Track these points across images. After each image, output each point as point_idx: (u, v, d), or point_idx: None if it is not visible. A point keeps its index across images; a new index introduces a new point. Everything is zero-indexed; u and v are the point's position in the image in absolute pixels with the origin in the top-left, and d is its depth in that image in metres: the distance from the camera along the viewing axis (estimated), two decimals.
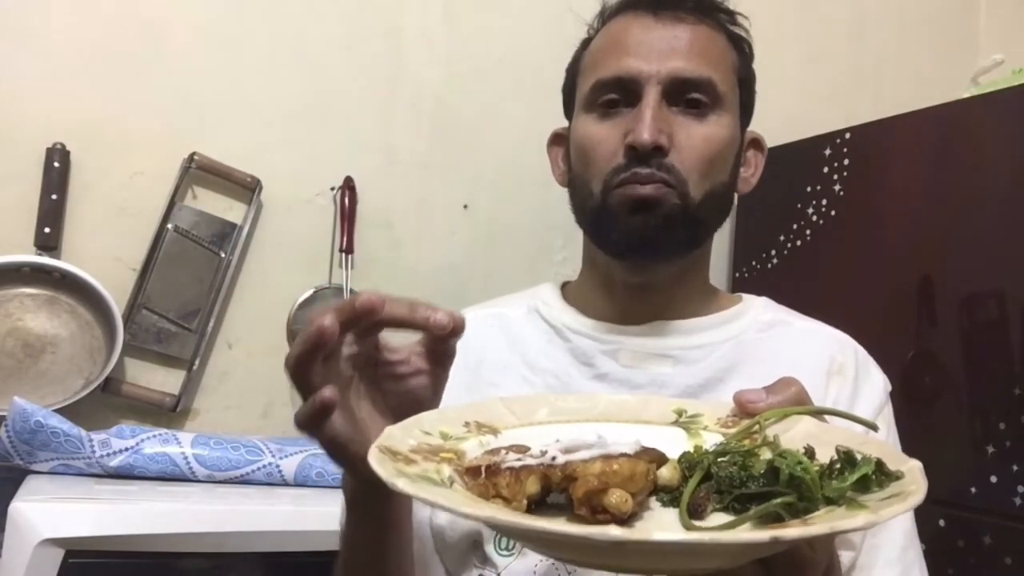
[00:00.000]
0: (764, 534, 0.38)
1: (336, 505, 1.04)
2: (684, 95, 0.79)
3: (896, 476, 0.45)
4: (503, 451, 0.50)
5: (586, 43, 0.87)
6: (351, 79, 1.50)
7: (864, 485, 0.45)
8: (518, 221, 1.59)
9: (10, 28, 1.32)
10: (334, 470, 1.27)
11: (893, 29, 1.87)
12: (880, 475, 0.46)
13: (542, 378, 0.84)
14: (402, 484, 0.44)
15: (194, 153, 1.38)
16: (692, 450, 0.53)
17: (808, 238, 1.50)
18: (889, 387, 0.84)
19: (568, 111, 0.89)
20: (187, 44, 1.41)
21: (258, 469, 1.25)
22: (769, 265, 1.58)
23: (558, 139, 0.91)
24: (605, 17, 0.86)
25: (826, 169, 1.47)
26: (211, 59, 1.42)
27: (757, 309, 0.88)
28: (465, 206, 1.57)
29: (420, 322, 0.58)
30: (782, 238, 1.54)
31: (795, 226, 1.52)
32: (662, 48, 0.79)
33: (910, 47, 1.88)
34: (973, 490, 1.18)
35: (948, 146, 1.29)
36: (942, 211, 1.28)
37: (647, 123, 0.76)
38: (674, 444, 0.54)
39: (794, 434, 0.52)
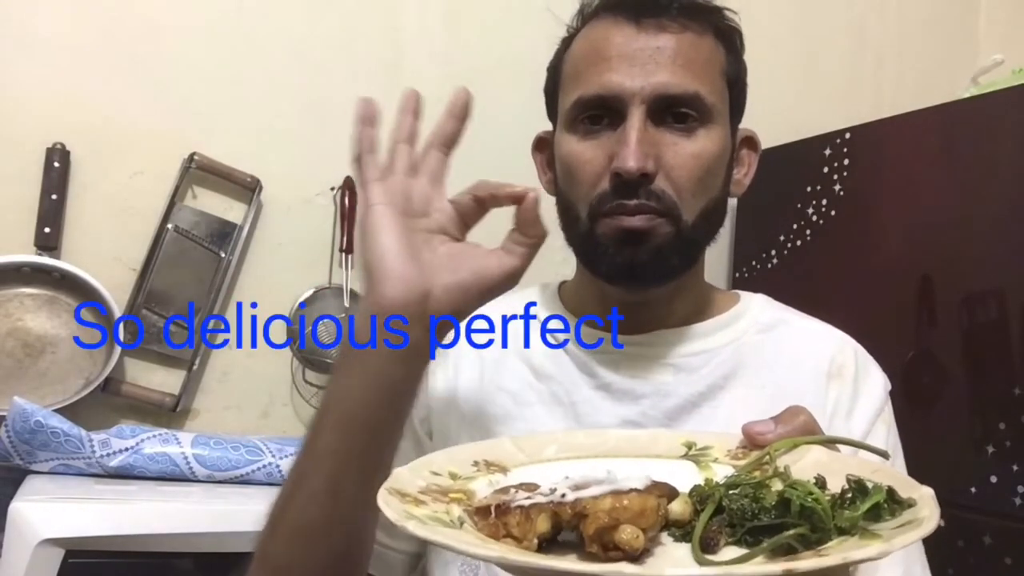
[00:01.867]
0: (776, 567, 0.38)
1: None
2: (671, 111, 0.76)
3: (908, 504, 0.45)
4: (512, 490, 0.50)
5: (567, 42, 0.84)
6: (351, 79, 1.50)
7: (876, 514, 0.45)
8: None
9: (10, 28, 1.32)
10: None
11: (893, 29, 1.87)
12: (892, 503, 0.46)
13: (547, 384, 0.83)
14: (412, 526, 0.43)
15: (194, 153, 1.38)
16: (703, 483, 0.53)
17: (808, 238, 1.50)
18: (889, 386, 0.84)
19: (551, 113, 0.86)
20: (187, 44, 1.41)
21: (258, 469, 1.25)
22: (769, 265, 1.58)
23: (542, 143, 0.88)
24: (585, 16, 0.83)
25: (826, 169, 1.47)
26: (211, 59, 1.42)
27: (756, 309, 0.86)
28: None
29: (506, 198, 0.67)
30: (782, 238, 1.54)
31: (795, 226, 1.52)
32: (645, 62, 0.75)
33: (910, 47, 1.88)
34: (973, 490, 1.18)
35: (948, 146, 1.29)
36: (942, 211, 1.28)
37: (632, 149, 0.73)
38: (685, 477, 0.54)
39: (804, 464, 0.52)
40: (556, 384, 0.82)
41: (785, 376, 0.81)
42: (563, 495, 0.47)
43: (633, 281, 0.78)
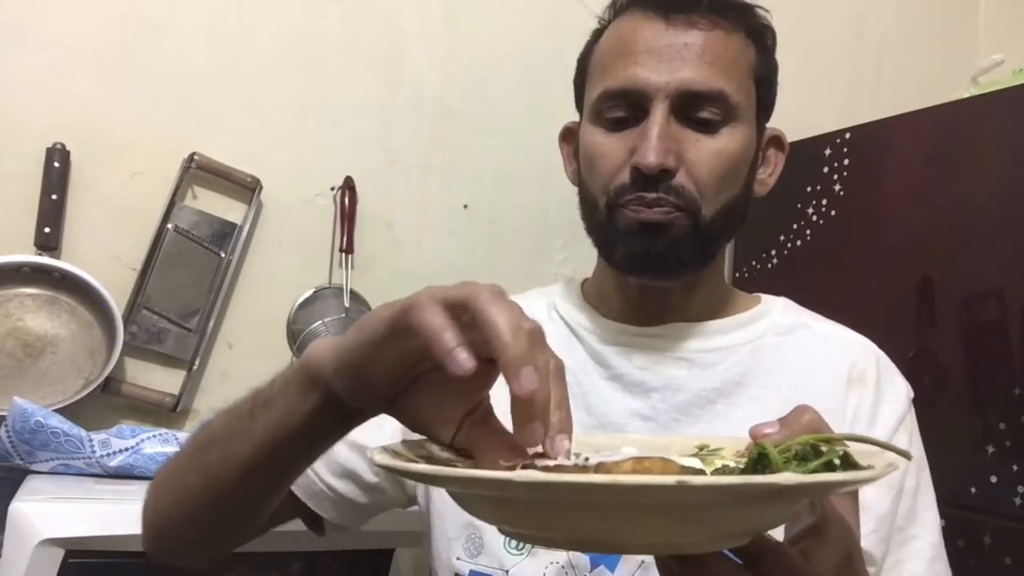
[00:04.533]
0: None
1: None
2: (695, 109, 0.76)
3: (864, 468, 0.45)
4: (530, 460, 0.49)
5: (598, 34, 0.84)
6: (351, 79, 1.50)
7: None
8: (518, 221, 1.59)
9: (10, 28, 1.32)
10: None
11: (893, 29, 1.87)
12: (847, 467, 0.45)
13: None
14: (379, 457, 0.45)
15: (194, 153, 1.38)
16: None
17: (808, 238, 1.50)
18: (912, 394, 0.83)
19: (579, 103, 0.87)
20: (187, 44, 1.41)
21: None
22: (769, 265, 1.58)
23: (569, 134, 0.89)
24: (617, 9, 0.83)
25: (826, 169, 1.47)
26: (211, 59, 1.42)
27: (776, 312, 0.86)
28: (465, 206, 1.56)
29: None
30: (782, 238, 1.54)
31: (795, 226, 1.52)
32: (672, 57, 0.75)
33: (910, 47, 1.88)
34: (973, 490, 1.18)
35: (948, 146, 1.29)
36: (942, 211, 1.28)
37: (653, 144, 0.73)
38: None
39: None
40: (568, 374, 0.82)
41: (803, 379, 0.81)
42: (587, 458, 0.46)
43: (647, 271, 0.79)
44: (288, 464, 0.63)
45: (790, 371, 0.81)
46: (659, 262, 0.77)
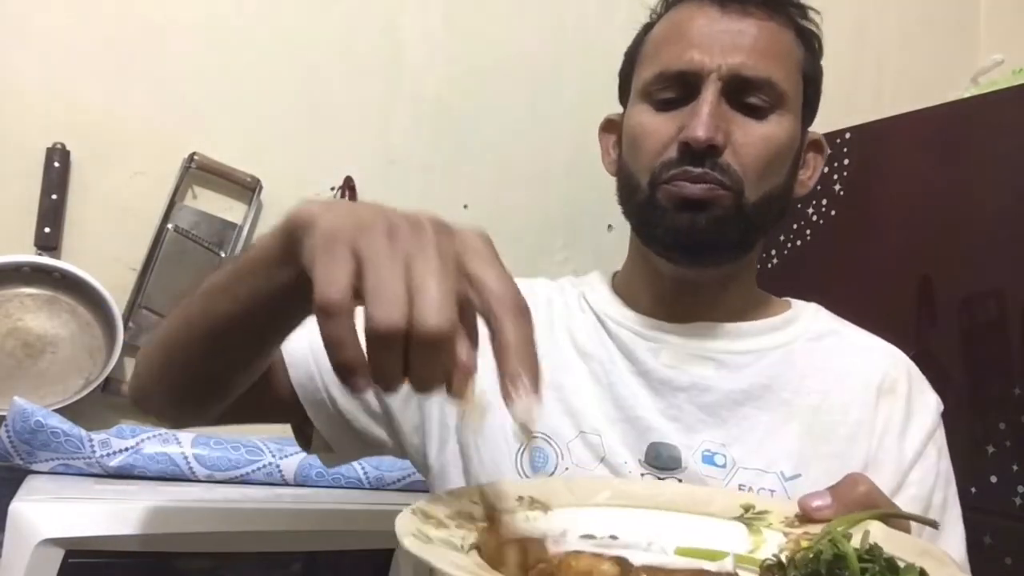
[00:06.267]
0: None
1: (335, 503, 1.04)
2: (744, 94, 0.77)
3: None
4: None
5: (648, 27, 0.85)
6: (350, 79, 1.50)
7: None
8: (518, 221, 1.59)
9: (10, 28, 1.32)
10: (334, 470, 1.27)
11: (893, 29, 1.87)
12: None
13: (587, 364, 0.82)
14: (408, 542, 0.43)
15: (194, 153, 1.38)
16: (751, 546, 0.50)
17: (808, 238, 1.50)
18: (941, 407, 0.83)
19: (623, 97, 0.87)
20: (187, 44, 1.41)
21: (258, 469, 1.25)
22: (769, 265, 1.58)
23: (610, 125, 0.89)
24: (669, 2, 0.84)
25: (826, 169, 1.47)
26: (211, 59, 1.42)
27: (808, 317, 0.86)
28: (465, 206, 1.56)
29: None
30: (782, 238, 1.54)
31: (795, 226, 1.52)
32: (725, 42, 0.76)
33: (910, 47, 1.88)
34: (973, 490, 1.18)
35: (948, 146, 1.29)
36: (942, 211, 1.28)
37: (703, 120, 0.74)
38: (733, 540, 0.52)
39: (860, 539, 0.49)
40: (596, 363, 0.82)
41: (834, 387, 0.80)
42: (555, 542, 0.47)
43: (689, 250, 0.78)
44: (266, 328, 0.63)
45: (821, 378, 0.81)
46: (702, 239, 0.76)
